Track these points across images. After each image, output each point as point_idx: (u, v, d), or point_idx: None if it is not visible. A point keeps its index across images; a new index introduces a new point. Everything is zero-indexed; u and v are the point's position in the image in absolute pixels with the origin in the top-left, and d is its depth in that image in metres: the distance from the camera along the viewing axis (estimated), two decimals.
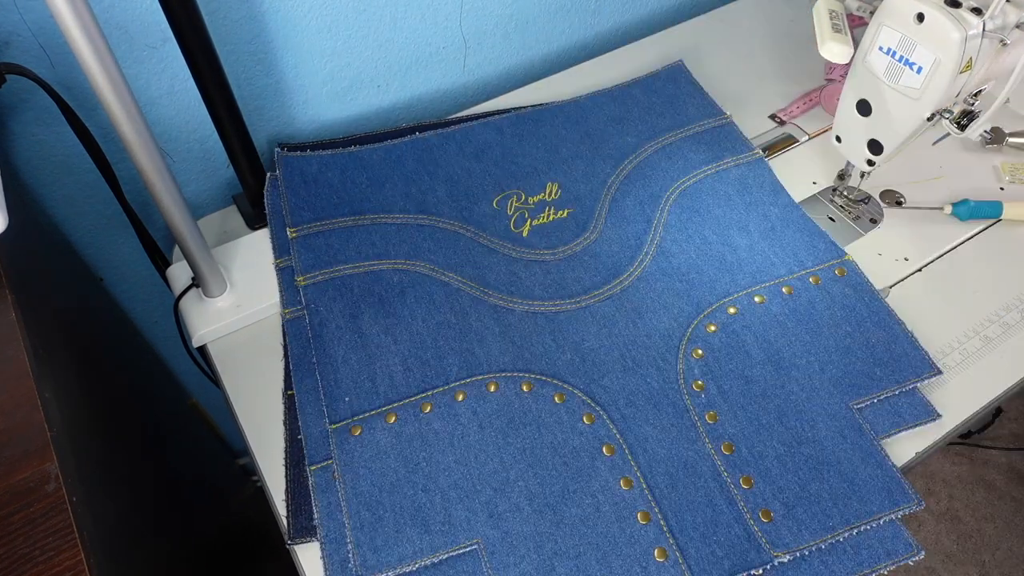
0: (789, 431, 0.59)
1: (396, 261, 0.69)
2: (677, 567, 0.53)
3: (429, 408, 0.60)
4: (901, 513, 0.55)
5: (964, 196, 0.74)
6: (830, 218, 0.75)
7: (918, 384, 0.62)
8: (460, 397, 0.61)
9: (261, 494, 0.61)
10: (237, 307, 0.67)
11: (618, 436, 0.59)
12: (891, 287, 0.70)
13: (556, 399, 0.61)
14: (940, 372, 0.62)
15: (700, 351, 0.64)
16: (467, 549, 0.54)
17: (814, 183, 0.78)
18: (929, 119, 0.61)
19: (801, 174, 0.78)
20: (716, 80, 0.85)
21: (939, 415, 0.60)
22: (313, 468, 0.58)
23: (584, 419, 0.60)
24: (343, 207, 0.73)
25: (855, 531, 0.55)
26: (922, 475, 1.38)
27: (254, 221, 0.75)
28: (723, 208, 0.73)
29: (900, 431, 0.60)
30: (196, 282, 0.67)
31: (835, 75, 0.84)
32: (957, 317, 0.68)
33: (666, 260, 0.70)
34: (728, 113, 0.80)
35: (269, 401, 0.63)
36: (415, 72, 0.85)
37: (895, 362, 0.63)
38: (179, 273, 0.69)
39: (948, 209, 0.74)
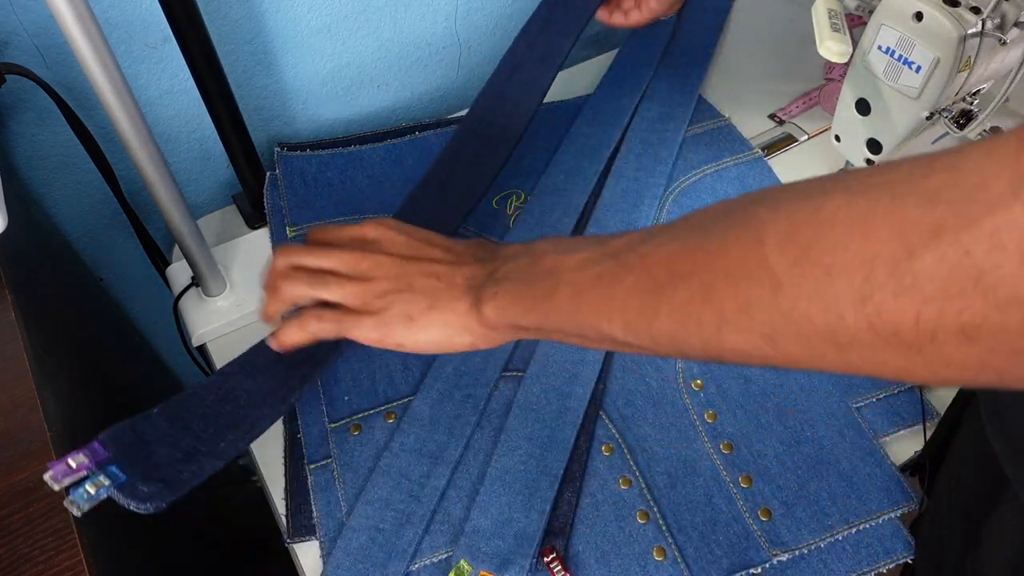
0: (788, 430, 0.59)
1: None
2: (676, 566, 0.53)
3: None
4: (900, 512, 0.55)
5: None
6: None
7: None
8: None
9: (261, 494, 0.61)
10: (237, 306, 0.67)
11: (617, 435, 0.59)
12: None
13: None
14: None
15: None
16: None
17: None
18: (928, 118, 0.61)
19: (800, 173, 0.78)
20: (715, 79, 0.85)
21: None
22: (312, 467, 0.58)
23: None
24: (343, 206, 0.73)
25: (854, 530, 0.55)
26: None
27: (254, 220, 0.75)
28: None
29: (900, 431, 0.60)
30: (196, 281, 0.67)
31: (834, 74, 0.84)
32: None
33: None
34: (727, 116, 0.80)
35: None
36: (415, 72, 0.85)
37: None
38: (179, 273, 0.69)
39: None
